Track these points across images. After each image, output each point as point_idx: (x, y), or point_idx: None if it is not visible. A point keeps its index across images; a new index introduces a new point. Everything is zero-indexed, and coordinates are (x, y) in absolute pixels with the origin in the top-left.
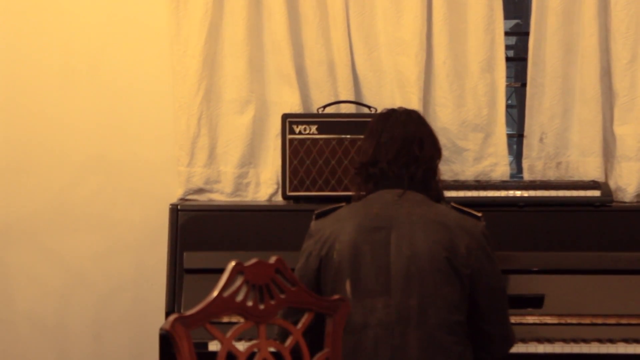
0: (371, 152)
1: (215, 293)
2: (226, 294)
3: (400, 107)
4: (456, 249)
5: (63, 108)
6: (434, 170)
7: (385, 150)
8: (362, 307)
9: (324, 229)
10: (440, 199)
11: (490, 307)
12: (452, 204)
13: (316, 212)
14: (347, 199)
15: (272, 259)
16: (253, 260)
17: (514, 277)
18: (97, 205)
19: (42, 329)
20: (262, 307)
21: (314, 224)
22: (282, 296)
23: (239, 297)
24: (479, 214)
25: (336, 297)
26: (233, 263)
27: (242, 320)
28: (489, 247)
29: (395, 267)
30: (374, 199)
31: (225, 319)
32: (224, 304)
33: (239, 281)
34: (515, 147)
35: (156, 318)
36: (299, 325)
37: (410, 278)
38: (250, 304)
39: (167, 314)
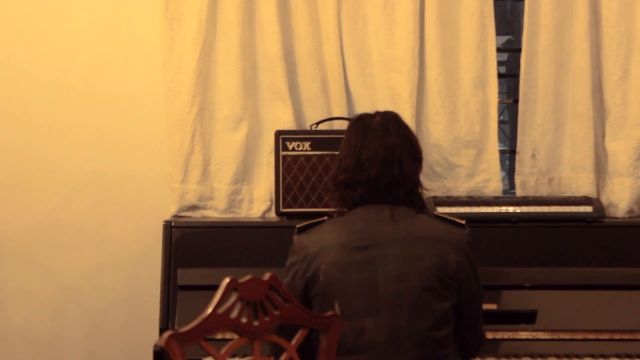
0: (351, 171)
1: (209, 310)
2: (220, 310)
3: (376, 113)
4: (445, 264)
5: (57, 125)
6: (415, 185)
7: (366, 171)
8: (352, 329)
9: (308, 247)
10: (422, 208)
11: (470, 314)
12: (435, 213)
13: (298, 226)
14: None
15: (266, 276)
16: (247, 277)
17: (506, 292)
18: (91, 222)
19: (36, 345)
20: (256, 323)
21: (297, 239)
22: (276, 312)
23: (233, 314)
24: (463, 222)
25: (330, 313)
26: (227, 280)
27: (236, 336)
28: (473, 255)
29: (384, 287)
30: (356, 215)
31: (219, 336)
32: (219, 321)
33: (233, 298)
34: (507, 163)
35: (150, 334)
36: (293, 341)
37: (400, 297)
38: (244, 320)
39: (161, 331)
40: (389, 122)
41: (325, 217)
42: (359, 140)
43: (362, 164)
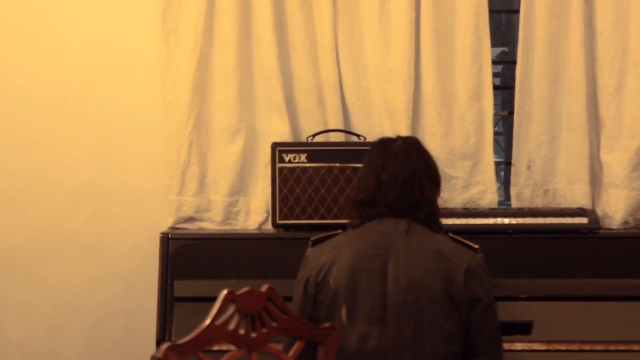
0: (371, 191)
1: (207, 321)
2: (218, 322)
3: (398, 137)
4: (453, 279)
5: (54, 137)
6: (434, 208)
7: (385, 191)
8: (357, 335)
9: (320, 256)
10: (438, 228)
11: (483, 338)
12: (450, 234)
13: (312, 238)
14: (337, 227)
15: (264, 287)
16: (245, 289)
17: (502, 303)
18: (88, 234)
19: (33, 357)
20: (254, 335)
21: (310, 251)
22: (274, 324)
23: (231, 326)
24: (477, 246)
25: (327, 324)
26: (225, 291)
27: (234, 348)
28: (486, 278)
29: (392, 296)
30: (372, 226)
31: (217, 347)
32: (216, 332)
33: (230, 309)
34: (502, 174)
35: (147, 346)
36: (291, 352)
37: (407, 307)
38: (242, 332)
39: (158, 343)
40: (411, 146)
41: (339, 231)
42: (380, 161)
43: (381, 184)
